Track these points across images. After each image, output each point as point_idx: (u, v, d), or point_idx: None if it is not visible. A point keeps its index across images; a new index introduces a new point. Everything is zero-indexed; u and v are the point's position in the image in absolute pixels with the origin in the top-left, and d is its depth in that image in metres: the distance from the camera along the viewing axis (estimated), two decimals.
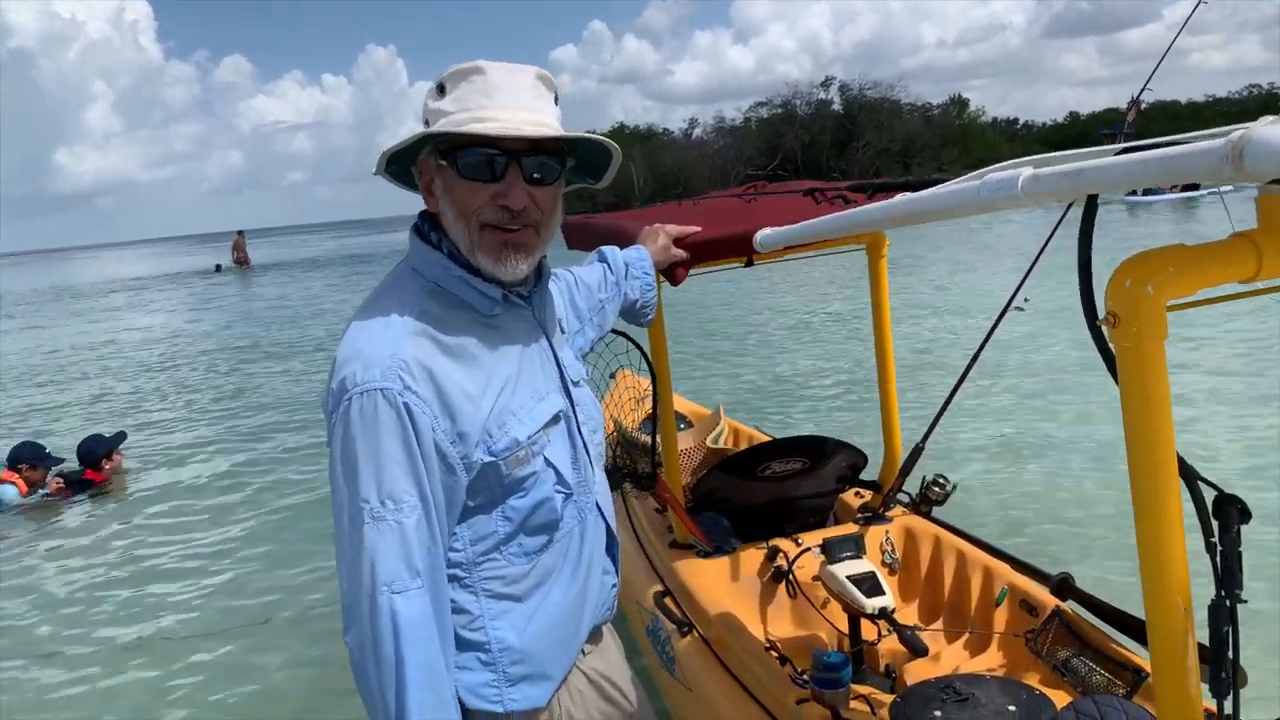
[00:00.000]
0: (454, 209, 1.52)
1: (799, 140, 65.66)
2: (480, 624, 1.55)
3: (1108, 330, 1.13)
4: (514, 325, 1.62)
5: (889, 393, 3.18)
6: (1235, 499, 1.18)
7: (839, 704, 2.18)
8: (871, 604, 2.53)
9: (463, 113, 1.47)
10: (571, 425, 1.67)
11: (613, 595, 1.82)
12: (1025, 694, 2.25)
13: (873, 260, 3.08)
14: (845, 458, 3.16)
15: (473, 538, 1.53)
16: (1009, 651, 2.58)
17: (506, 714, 1.57)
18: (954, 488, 3.13)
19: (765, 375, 9.39)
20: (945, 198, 1.23)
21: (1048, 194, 1.02)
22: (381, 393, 1.40)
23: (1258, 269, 1.13)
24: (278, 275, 33.94)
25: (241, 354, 14.54)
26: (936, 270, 16.30)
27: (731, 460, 3.16)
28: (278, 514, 6.51)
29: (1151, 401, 1.13)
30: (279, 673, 4.16)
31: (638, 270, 2.29)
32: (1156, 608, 1.18)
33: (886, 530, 3.07)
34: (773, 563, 2.94)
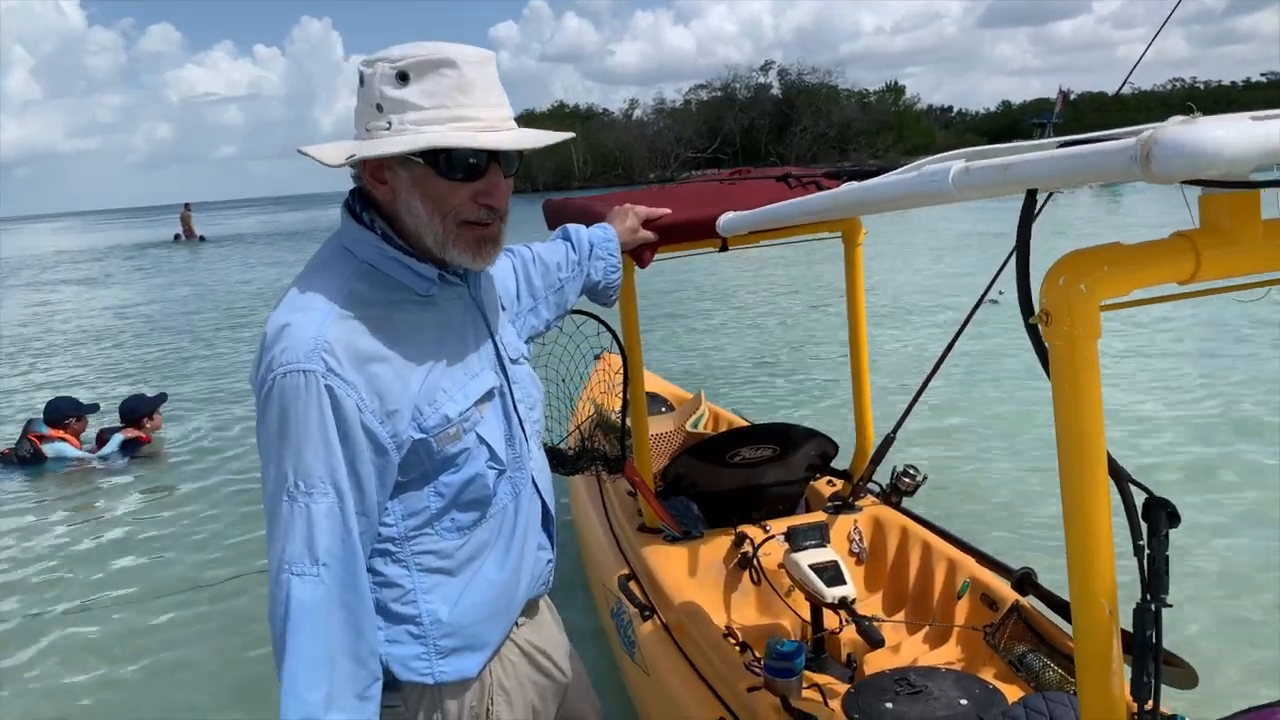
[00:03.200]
0: (426, 205, 1.51)
1: (738, 124, 66.54)
2: (412, 598, 1.57)
3: (1041, 328, 1.12)
4: (449, 303, 1.63)
5: (861, 382, 3.16)
6: (1165, 502, 1.17)
7: (790, 693, 2.18)
8: (832, 593, 2.53)
9: (439, 109, 1.46)
10: (507, 402, 1.69)
11: (548, 570, 1.84)
12: (978, 688, 2.25)
13: (848, 249, 3.06)
14: (816, 446, 3.15)
15: (404, 512, 1.55)
16: (968, 645, 2.58)
17: (436, 684, 1.60)
18: (924, 478, 3.12)
19: (755, 358, 9.38)
20: (883, 189, 1.21)
21: (976, 188, 1.00)
22: (304, 374, 1.41)
23: (1195, 270, 1.11)
24: (235, 249, 33.65)
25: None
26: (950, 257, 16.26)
27: (702, 445, 3.15)
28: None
29: (1082, 401, 1.12)
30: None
31: (602, 251, 2.27)
32: (1082, 607, 1.18)
33: (855, 520, 3.07)
34: (739, 549, 2.93)
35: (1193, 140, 0.71)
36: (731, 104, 68.76)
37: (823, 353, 9.37)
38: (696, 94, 72.92)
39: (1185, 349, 8.37)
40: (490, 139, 1.47)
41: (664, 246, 2.53)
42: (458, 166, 1.48)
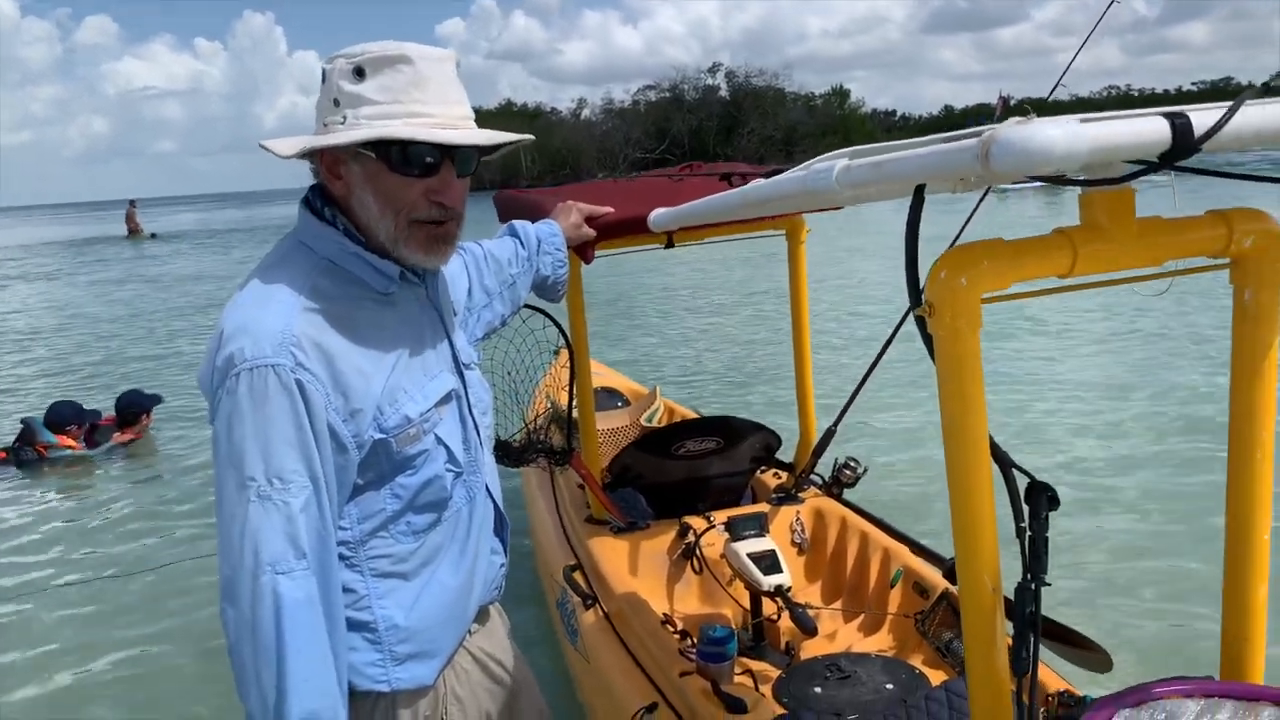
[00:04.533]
0: (378, 201, 1.50)
1: (686, 125, 67.38)
2: (366, 603, 1.54)
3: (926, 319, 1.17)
4: (408, 303, 1.62)
5: (804, 376, 3.23)
6: (1045, 486, 1.22)
7: (721, 677, 2.23)
8: (768, 581, 2.59)
9: (394, 104, 1.45)
10: (463, 405, 1.68)
11: (501, 575, 1.84)
12: (905, 673, 2.32)
13: (791, 246, 3.12)
14: (759, 438, 3.21)
15: (360, 516, 1.52)
16: (899, 632, 2.65)
17: (392, 693, 1.57)
18: (865, 470, 3.19)
19: (712, 354, 9.44)
20: (780, 186, 1.26)
21: (856, 184, 1.05)
22: (273, 368, 1.38)
23: (1072, 265, 1.17)
24: (185, 245, 33.29)
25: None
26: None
27: (647, 438, 3.20)
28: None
29: (965, 390, 1.17)
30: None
31: (549, 246, 2.29)
32: (967, 587, 1.23)
33: (798, 511, 3.13)
34: (683, 539, 2.99)
35: (1025, 140, 0.76)
36: (679, 105, 69.47)
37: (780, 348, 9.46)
38: (645, 94, 73.54)
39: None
40: (443, 134, 1.45)
41: (608, 242, 2.57)
42: (410, 162, 1.47)
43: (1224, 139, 0.81)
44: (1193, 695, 1.26)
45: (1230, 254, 1.26)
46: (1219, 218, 1.24)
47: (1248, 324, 1.29)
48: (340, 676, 1.45)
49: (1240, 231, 1.24)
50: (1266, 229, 1.25)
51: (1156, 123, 0.80)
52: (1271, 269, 1.26)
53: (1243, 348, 1.30)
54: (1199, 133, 0.80)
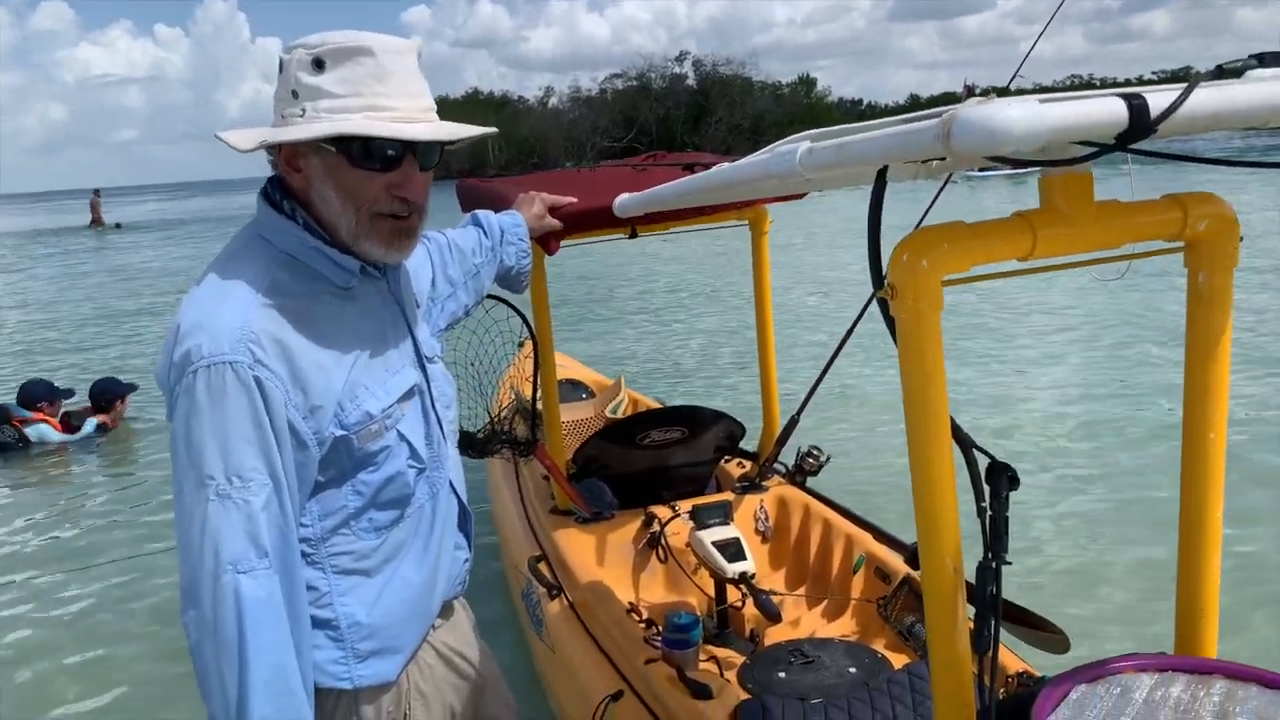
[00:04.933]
0: (339, 196, 1.48)
1: (654, 114, 67.52)
2: (328, 600, 1.53)
3: (889, 301, 1.18)
4: (369, 298, 1.60)
5: (768, 366, 3.25)
6: (1006, 466, 1.24)
7: (686, 664, 2.24)
8: (732, 569, 2.61)
9: (354, 97, 1.43)
10: (426, 400, 1.66)
11: (465, 570, 1.83)
12: (868, 657, 2.34)
13: (755, 237, 3.14)
14: (724, 428, 3.23)
15: (321, 513, 1.51)
16: (862, 617, 2.68)
17: (354, 690, 1.57)
18: (828, 459, 3.22)
19: (679, 345, 9.46)
20: (744, 170, 1.27)
21: (819, 167, 1.06)
22: (231, 365, 1.36)
23: (1032, 248, 1.19)
24: (150, 235, 32.76)
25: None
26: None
27: (612, 428, 3.20)
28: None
29: (927, 370, 1.18)
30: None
31: (513, 236, 2.28)
32: (929, 567, 1.24)
33: (762, 499, 3.15)
34: (648, 529, 2.99)
35: (985, 119, 0.78)
36: (647, 94, 69.40)
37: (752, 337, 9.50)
38: (612, 83, 73.41)
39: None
40: (403, 129, 1.43)
41: (571, 234, 2.57)
42: (371, 156, 1.45)
43: (1179, 120, 0.83)
44: (1147, 669, 1.29)
45: (1185, 238, 1.29)
46: (1174, 202, 1.27)
47: (1202, 306, 1.32)
48: (306, 675, 1.44)
49: (1194, 215, 1.26)
50: (1220, 213, 1.28)
51: (1114, 104, 0.81)
52: (1224, 253, 1.29)
53: (1197, 330, 1.33)
54: (1155, 114, 0.81)
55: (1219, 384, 1.32)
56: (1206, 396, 1.33)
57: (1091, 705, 1.23)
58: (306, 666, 1.44)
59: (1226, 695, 1.22)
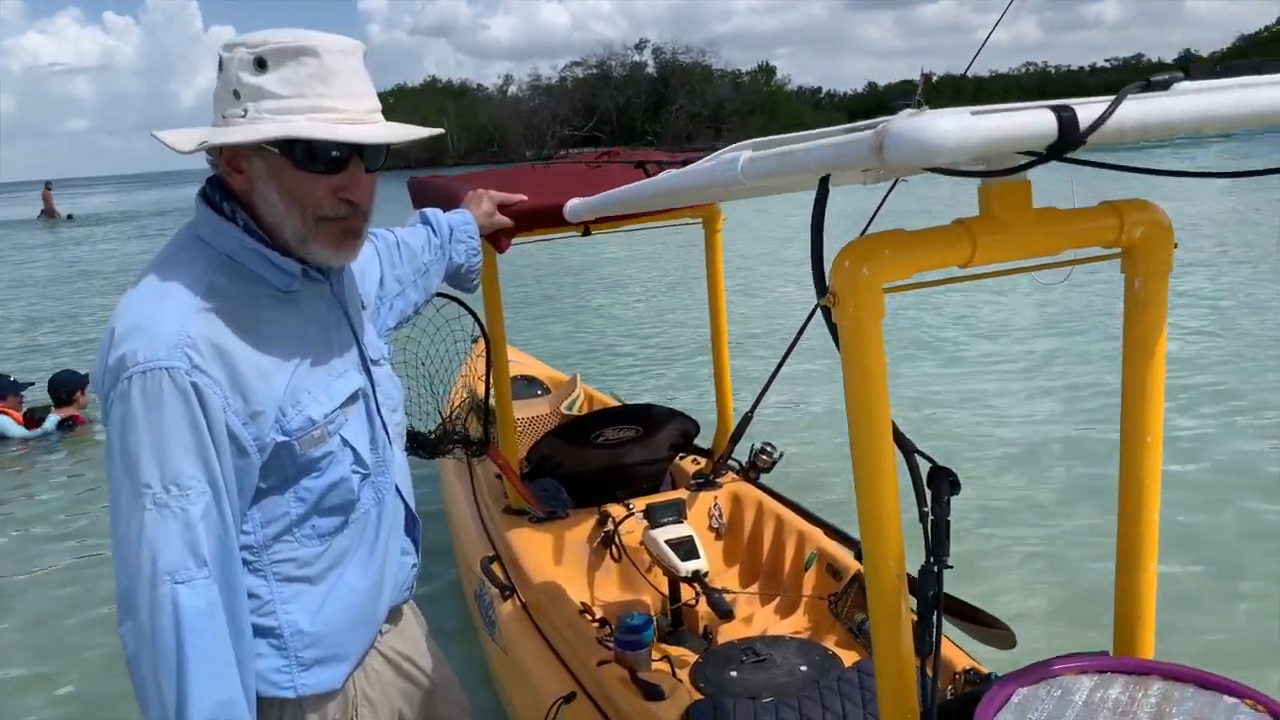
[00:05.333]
0: (284, 199, 1.45)
1: (614, 102, 67.69)
2: (271, 608, 1.51)
3: (831, 309, 1.18)
4: (311, 301, 1.57)
5: (722, 363, 3.25)
6: (947, 471, 1.25)
7: (639, 665, 2.24)
8: (685, 567, 2.61)
9: (298, 99, 1.40)
10: (370, 404, 1.64)
11: (412, 576, 1.81)
12: (819, 655, 2.35)
13: (708, 234, 3.13)
14: (678, 426, 3.22)
15: (264, 520, 1.49)
16: (814, 613, 2.69)
17: (298, 699, 1.55)
18: (781, 455, 3.23)
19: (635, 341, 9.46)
20: (690, 177, 1.26)
21: (760, 175, 1.05)
22: (167, 371, 1.33)
23: (971, 255, 1.19)
24: (104, 228, 32.05)
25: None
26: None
27: (565, 427, 3.18)
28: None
29: (868, 377, 1.19)
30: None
31: (463, 234, 2.26)
32: (873, 572, 1.25)
33: (716, 496, 3.15)
34: (602, 527, 2.99)
35: (917, 132, 0.77)
36: (607, 82, 69.51)
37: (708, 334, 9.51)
38: (572, 71, 73.71)
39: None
40: (349, 131, 1.41)
41: (522, 232, 2.54)
42: (316, 158, 1.42)
43: (1108, 131, 0.83)
44: (1087, 671, 1.31)
45: (1122, 244, 1.30)
46: (1110, 209, 1.28)
47: (1138, 311, 1.34)
48: (248, 686, 1.42)
49: (1130, 222, 1.28)
50: (1155, 220, 1.30)
51: (1044, 115, 0.82)
52: (1160, 258, 1.31)
53: (1134, 335, 1.34)
54: (1084, 126, 0.82)
55: (1155, 388, 1.34)
56: (1143, 401, 1.35)
57: (1033, 708, 1.24)
58: (248, 677, 1.43)
59: (1163, 696, 1.24)
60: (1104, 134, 0.83)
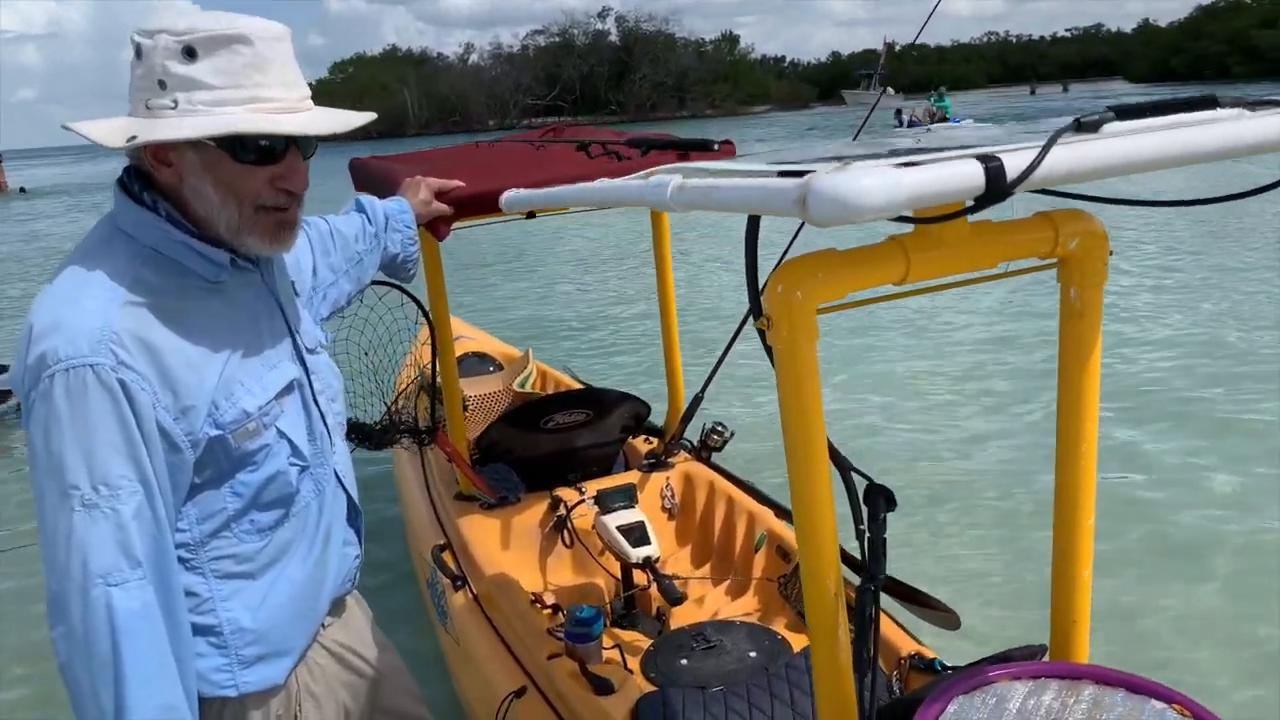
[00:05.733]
0: (219, 191, 1.41)
1: (577, 71, 67.33)
2: (210, 606, 1.49)
3: (765, 331, 1.17)
4: (242, 291, 1.54)
5: (672, 343, 3.24)
6: (883, 488, 1.26)
7: (589, 657, 2.25)
8: (636, 553, 2.62)
9: (234, 89, 1.36)
10: (307, 394, 1.62)
11: (355, 567, 1.80)
12: (768, 640, 2.38)
13: (654, 218, 3.10)
14: (629, 408, 3.22)
15: (199, 516, 1.46)
16: (764, 595, 2.72)
17: (240, 697, 1.53)
18: (732, 434, 3.24)
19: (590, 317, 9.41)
20: (622, 191, 1.24)
21: (687, 203, 1.03)
22: (92, 369, 1.30)
23: (906, 272, 1.18)
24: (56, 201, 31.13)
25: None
26: None
27: (514, 413, 3.16)
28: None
29: (804, 398, 1.18)
30: None
31: (398, 223, 2.22)
32: (811, 586, 1.25)
33: (668, 476, 3.16)
34: (555, 512, 2.98)
35: (839, 189, 0.75)
36: (570, 51, 68.85)
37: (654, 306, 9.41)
38: (534, 39, 72.95)
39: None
40: (292, 122, 1.39)
41: (461, 218, 2.49)
42: (254, 150, 1.39)
43: (1036, 180, 0.82)
44: (1021, 678, 1.33)
45: (1057, 254, 1.30)
46: (1046, 220, 1.28)
47: (1073, 321, 1.34)
48: (189, 688, 1.40)
49: (1065, 233, 1.28)
50: (1090, 229, 1.30)
51: (970, 167, 0.80)
52: (1094, 269, 1.31)
53: (1069, 345, 1.35)
54: (1011, 176, 0.81)
55: (1090, 397, 1.35)
56: (1079, 409, 1.36)
57: (968, 718, 1.26)
58: (189, 678, 1.41)
59: (1094, 702, 1.26)
60: (1032, 183, 0.82)
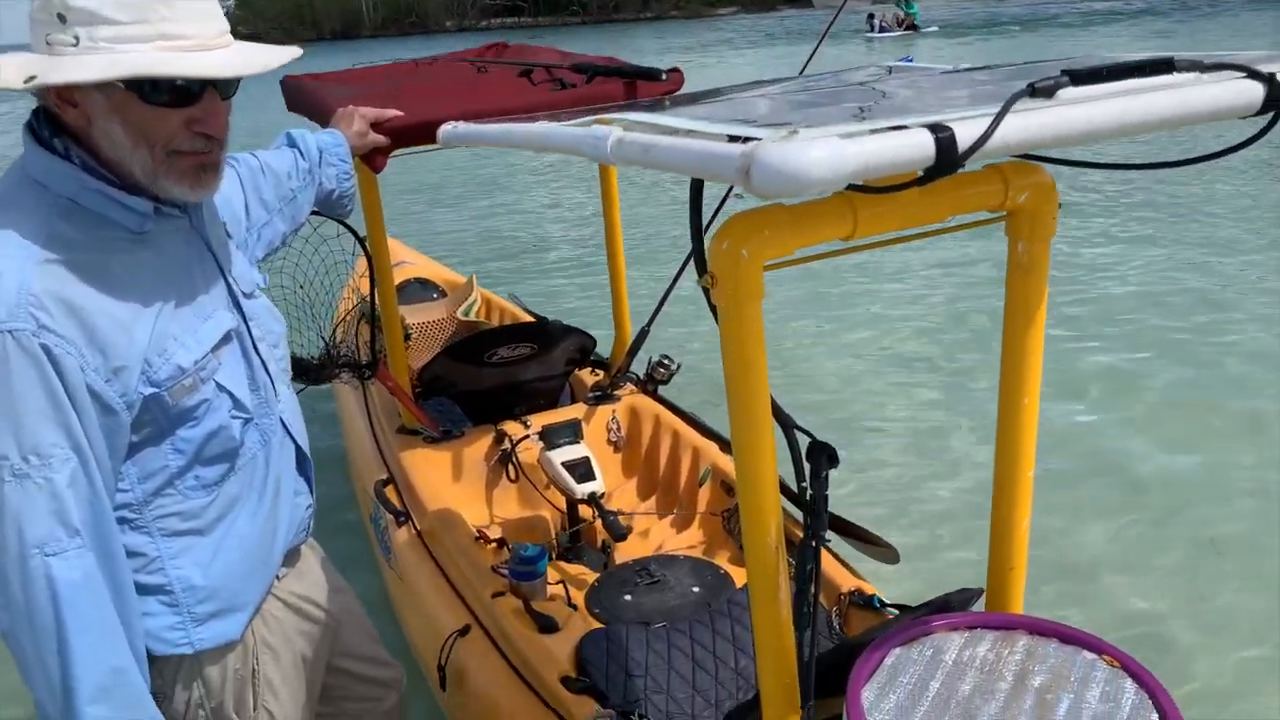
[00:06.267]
0: (130, 135, 1.32)
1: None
2: (159, 565, 1.45)
3: (710, 289, 1.14)
4: (169, 239, 1.46)
5: (618, 276, 3.19)
6: (826, 446, 1.25)
7: (534, 595, 2.25)
8: (581, 489, 2.62)
9: (139, 24, 1.26)
10: (246, 343, 1.56)
11: (308, 516, 1.77)
12: (710, 574, 2.41)
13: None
14: (574, 341, 3.18)
15: (140, 475, 1.42)
16: (708, 529, 2.75)
17: (196, 654, 1.51)
18: (679, 367, 3.22)
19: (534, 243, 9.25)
20: (560, 138, 1.19)
21: (629, 161, 0.98)
22: (11, 335, 1.23)
23: (854, 228, 1.15)
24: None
25: None
26: None
27: (457, 346, 3.11)
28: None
29: (748, 357, 1.16)
30: None
31: (333, 157, 2.12)
32: (752, 543, 1.25)
33: (614, 409, 3.14)
34: (500, 446, 2.96)
35: (785, 161, 0.71)
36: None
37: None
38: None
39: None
40: (205, 63, 1.30)
41: (398, 147, 2.40)
42: (167, 91, 1.31)
43: (989, 150, 0.79)
44: (958, 628, 1.35)
45: (1006, 208, 1.28)
46: (995, 172, 1.25)
47: (1020, 275, 1.33)
48: (137, 650, 1.39)
49: (1015, 186, 1.25)
50: (1039, 182, 1.27)
51: (921, 138, 0.76)
52: (1044, 222, 1.29)
53: (1015, 298, 1.34)
54: (963, 147, 0.77)
55: (1034, 351, 1.35)
56: (1022, 363, 1.35)
57: (904, 671, 1.28)
58: (137, 640, 1.39)
59: (1027, 653, 1.29)
60: (985, 153, 0.78)
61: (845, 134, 0.74)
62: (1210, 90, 0.87)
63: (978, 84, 1.02)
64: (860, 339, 6.06)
